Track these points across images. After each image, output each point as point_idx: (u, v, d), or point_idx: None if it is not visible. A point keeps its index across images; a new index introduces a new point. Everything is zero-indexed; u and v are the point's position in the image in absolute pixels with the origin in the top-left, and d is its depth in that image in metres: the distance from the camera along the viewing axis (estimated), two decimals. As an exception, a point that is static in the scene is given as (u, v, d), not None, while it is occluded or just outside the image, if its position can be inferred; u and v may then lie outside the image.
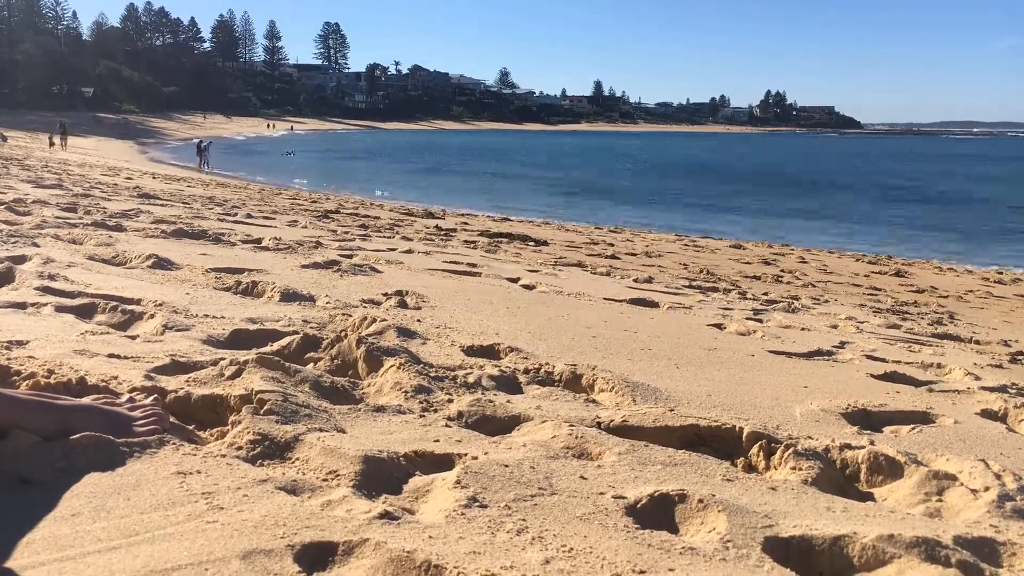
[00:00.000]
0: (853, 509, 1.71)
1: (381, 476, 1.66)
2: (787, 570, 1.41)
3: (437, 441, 1.89)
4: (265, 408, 1.93)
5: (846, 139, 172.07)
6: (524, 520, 1.50)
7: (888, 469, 1.94)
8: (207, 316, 3.02)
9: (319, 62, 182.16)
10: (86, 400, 1.83)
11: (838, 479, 1.94)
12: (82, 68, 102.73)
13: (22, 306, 2.90)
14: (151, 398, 1.91)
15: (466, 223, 12.67)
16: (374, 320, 3.05)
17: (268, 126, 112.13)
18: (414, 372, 2.39)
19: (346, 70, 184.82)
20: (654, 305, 4.68)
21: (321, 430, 1.87)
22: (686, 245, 13.03)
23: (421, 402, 2.19)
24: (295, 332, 2.75)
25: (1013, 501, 1.74)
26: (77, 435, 1.61)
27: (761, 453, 2.01)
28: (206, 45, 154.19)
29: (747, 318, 4.49)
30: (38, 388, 1.94)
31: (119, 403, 1.86)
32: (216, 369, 2.25)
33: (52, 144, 40.47)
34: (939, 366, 3.44)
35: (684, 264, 9.46)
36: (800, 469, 1.91)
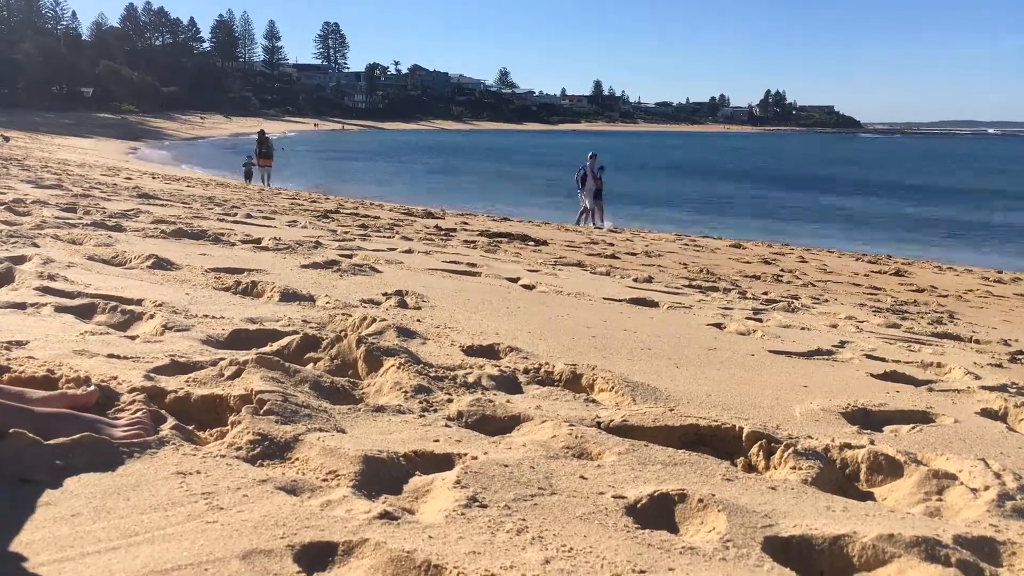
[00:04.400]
0: (853, 508, 1.71)
1: (381, 476, 1.66)
2: (787, 570, 1.41)
3: (437, 441, 1.90)
4: (265, 408, 1.93)
5: (847, 138, 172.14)
6: (524, 520, 1.50)
7: (888, 468, 1.94)
8: (207, 316, 3.02)
9: (319, 62, 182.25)
10: (64, 409, 1.79)
11: (838, 478, 1.95)
12: (82, 68, 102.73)
13: (22, 306, 2.90)
14: (140, 412, 1.86)
15: (466, 223, 12.67)
16: (374, 320, 3.05)
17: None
18: (414, 372, 2.39)
19: (346, 70, 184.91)
20: (654, 305, 4.67)
21: (321, 430, 1.87)
22: (686, 245, 13.02)
23: (421, 402, 2.19)
24: (295, 332, 2.75)
25: (1013, 500, 1.74)
26: (77, 435, 1.61)
27: (761, 453, 2.01)
28: (205, 45, 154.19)
29: (747, 318, 4.49)
30: (17, 382, 1.94)
31: (115, 413, 1.86)
32: (216, 369, 2.25)
33: (250, 174, 25.39)
34: (939, 365, 3.44)
35: (684, 264, 9.45)
36: (800, 469, 1.91)
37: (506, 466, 1.73)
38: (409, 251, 6.33)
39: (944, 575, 1.40)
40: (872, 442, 2.11)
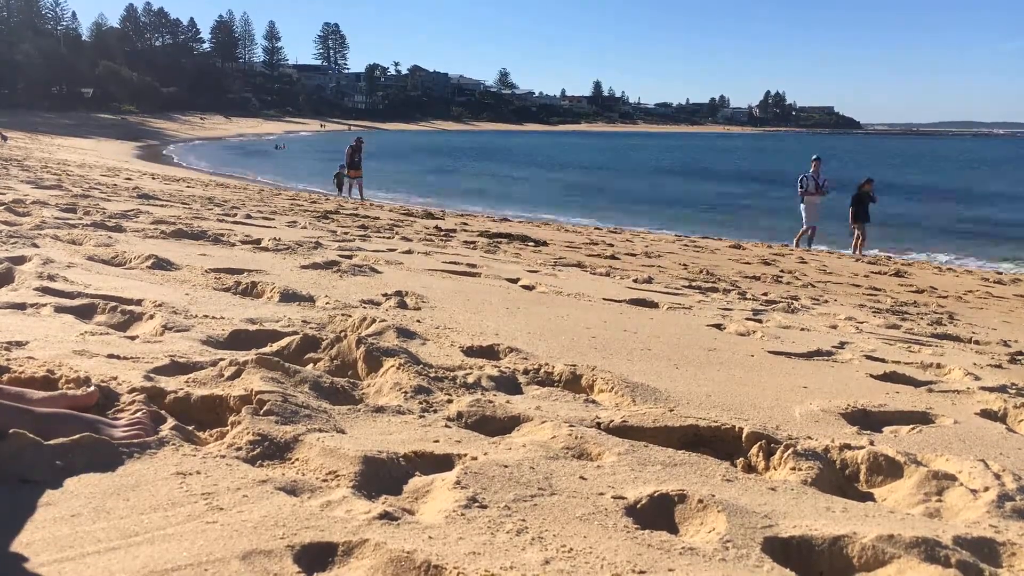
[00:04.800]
0: (853, 509, 1.71)
1: (381, 476, 1.66)
2: (787, 570, 1.41)
3: (437, 441, 1.90)
4: (265, 409, 1.93)
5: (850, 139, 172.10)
6: (524, 520, 1.50)
7: (888, 469, 1.94)
8: (206, 317, 3.02)
9: (319, 63, 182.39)
10: (64, 409, 1.79)
11: (838, 479, 1.95)
12: (81, 69, 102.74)
13: (21, 307, 2.90)
14: (140, 412, 1.86)
15: (466, 223, 12.67)
16: (374, 320, 3.05)
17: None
18: (414, 372, 2.39)
19: (346, 71, 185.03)
20: (654, 305, 4.67)
21: (321, 430, 1.87)
22: (686, 245, 13.03)
23: (421, 402, 2.19)
24: (295, 333, 2.75)
25: (1013, 501, 1.74)
26: (77, 436, 1.61)
27: (761, 453, 2.01)
28: (205, 46, 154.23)
29: (747, 318, 4.50)
30: (17, 383, 1.94)
31: (115, 413, 1.86)
32: (215, 370, 2.25)
33: (341, 184, 23.16)
34: (939, 366, 3.44)
35: (684, 264, 9.45)
36: (800, 469, 1.91)
37: (506, 467, 1.74)
38: (409, 252, 6.33)
39: (944, 576, 1.40)
40: (872, 443, 2.11)
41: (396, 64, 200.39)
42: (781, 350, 3.49)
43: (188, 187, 14.72)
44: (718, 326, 4.06)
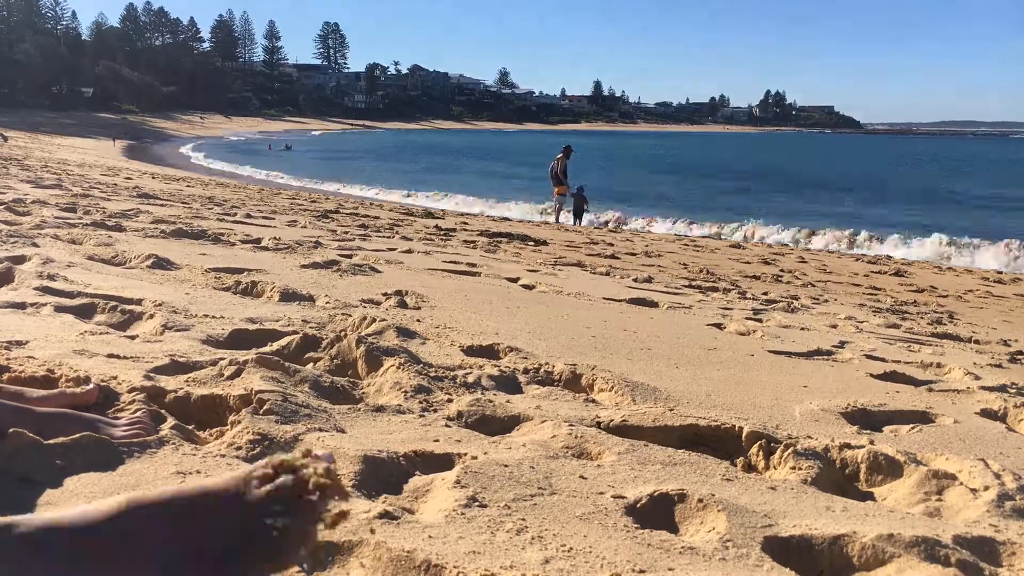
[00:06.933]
0: (853, 508, 1.71)
1: (381, 476, 1.66)
2: (787, 570, 1.41)
3: (437, 441, 1.90)
4: (264, 408, 1.93)
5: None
6: (524, 520, 1.50)
7: (888, 468, 1.95)
8: (206, 316, 3.02)
9: (319, 62, 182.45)
10: (64, 408, 1.79)
11: (838, 478, 1.95)
12: (81, 68, 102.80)
13: (21, 306, 2.90)
14: (140, 412, 1.86)
15: (466, 223, 12.67)
16: (374, 320, 3.05)
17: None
18: (414, 372, 2.39)
19: (345, 70, 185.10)
20: (654, 305, 4.67)
21: (321, 430, 1.87)
22: (686, 245, 13.02)
23: (421, 402, 2.19)
24: (295, 332, 2.75)
25: (1013, 500, 1.74)
26: (77, 435, 1.61)
27: (761, 453, 2.01)
28: (205, 45, 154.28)
29: (747, 318, 4.49)
30: (17, 382, 1.94)
31: (115, 413, 1.86)
32: (215, 369, 2.25)
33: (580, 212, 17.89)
34: (939, 365, 3.44)
35: (684, 264, 9.45)
36: (800, 469, 1.91)
37: (506, 466, 1.73)
38: (409, 251, 6.33)
39: (944, 575, 1.40)
40: (872, 442, 2.11)
41: (396, 64, 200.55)
42: (781, 349, 3.49)
43: (188, 186, 14.72)
44: (718, 325, 4.06)
